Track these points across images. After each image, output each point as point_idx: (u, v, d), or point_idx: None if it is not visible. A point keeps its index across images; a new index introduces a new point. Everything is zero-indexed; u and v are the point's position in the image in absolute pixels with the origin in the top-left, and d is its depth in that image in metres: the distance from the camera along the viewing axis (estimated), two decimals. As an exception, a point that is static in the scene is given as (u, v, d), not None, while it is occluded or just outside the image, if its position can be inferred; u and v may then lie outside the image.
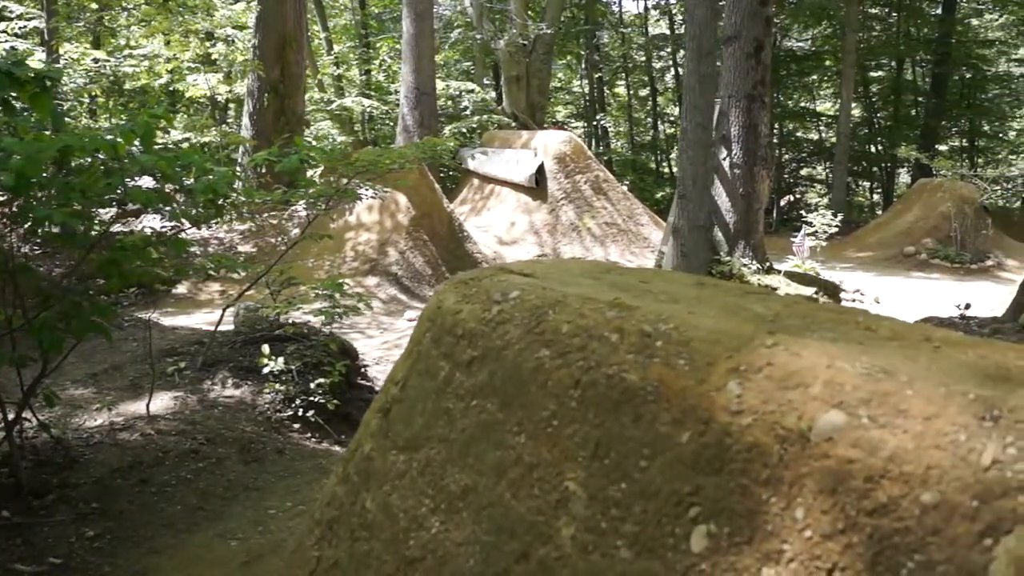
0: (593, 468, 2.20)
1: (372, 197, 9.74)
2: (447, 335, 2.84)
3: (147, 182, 5.04)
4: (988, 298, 11.64)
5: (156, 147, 5.01)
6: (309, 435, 7.40)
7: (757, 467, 1.86)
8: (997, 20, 26.04)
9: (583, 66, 30.52)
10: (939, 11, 25.87)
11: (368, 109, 24.63)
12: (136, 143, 4.46)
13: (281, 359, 7.60)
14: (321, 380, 7.57)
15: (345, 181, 8.44)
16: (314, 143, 21.15)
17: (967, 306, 9.02)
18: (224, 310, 8.43)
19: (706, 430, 1.99)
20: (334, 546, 2.92)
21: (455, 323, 2.83)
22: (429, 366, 2.87)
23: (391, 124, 24.66)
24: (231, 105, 23.90)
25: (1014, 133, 27.81)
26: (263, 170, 11.96)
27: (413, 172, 13.76)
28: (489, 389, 2.59)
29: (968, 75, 26.41)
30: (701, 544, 1.91)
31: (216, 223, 7.05)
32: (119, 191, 4.58)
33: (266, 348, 7.59)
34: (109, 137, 4.39)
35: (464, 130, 21.45)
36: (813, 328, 2.20)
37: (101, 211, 5.66)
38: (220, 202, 5.33)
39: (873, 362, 1.89)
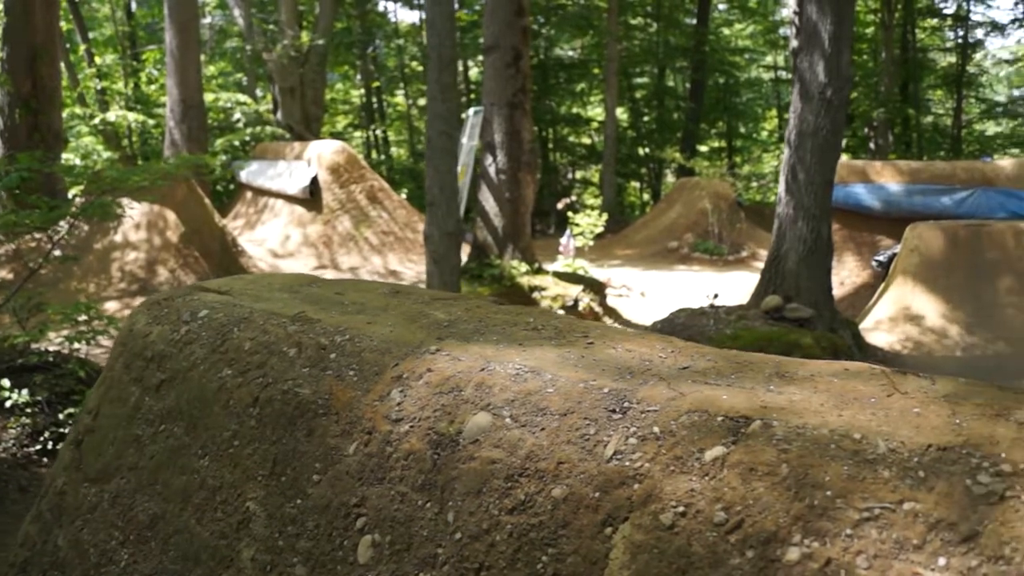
0: (271, 486, 2.16)
1: (121, 215, 9.27)
2: (138, 359, 2.73)
3: None
4: (743, 287, 12.35)
5: None
6: (59, 470, 6.91)
7: (414, 474, 1.88)
8: (746, 30, 27.91)
9: (359, 76, 30.32)
10: (694, 21, 27.48)
11: (133, 123, 23.48)
12: None
13: (26, 390, 7.09)
14: (72, 410, 7.12)
15: (83, 200, 8.00)
16: (77, 161, 19.98)
17: (715, 296, 9.55)
18: (-40, 342, 7.79)
19: (370, 440, 1.99)
20: (26, 590, 2.74)
21: (145, 346, 2.72)
22: (121, 392, 2.75)
23: (162, 138, 23.63)
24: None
25: (766, 133, 29.86)
26: (17, 191, 11.17)
27: (181, 187, 13.24)
28: (177, 412, 2.50)
29: (723, 81, 28.17)
30: (367, 554, 1.91)
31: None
32: None
33: (6, 382, 7.06)
34: None
35: (237, 143, 20.84)
36: (484, 331, 2.24)
37: None
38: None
39: (525, 362, 1.94)
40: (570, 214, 14.90)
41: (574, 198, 24.11)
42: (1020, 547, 1.34)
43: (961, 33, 27.28)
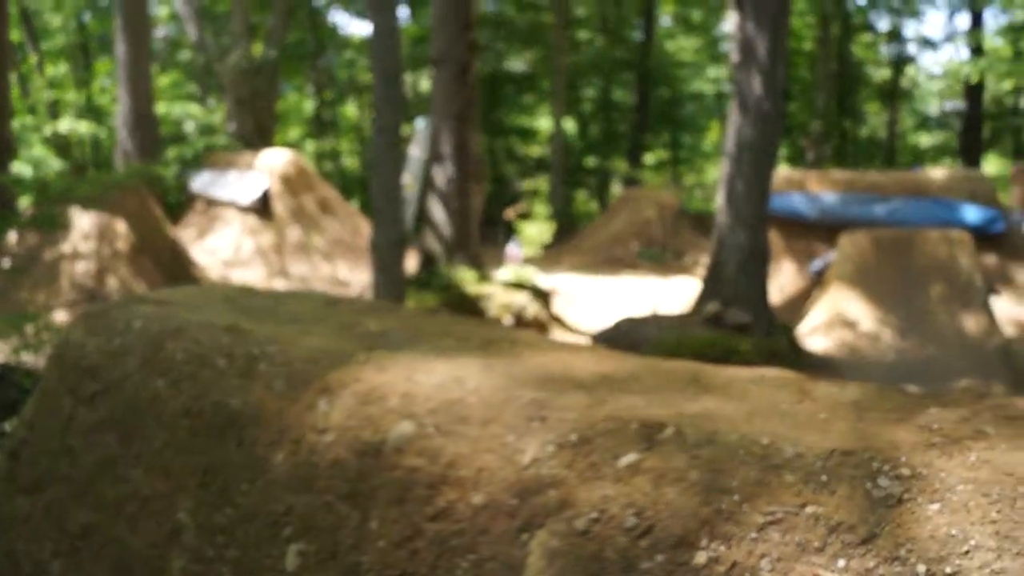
0: (202, 496, 2.18)
1: (68, 226, 9.16)
2: (72, 370, 2.72)
3: None
4: (686, 293, 12.46)
5: None
6: None
7: (339, 483, 1.91)
8: (690, 44, 28.30)
9: (311, 87, 30.24)
10: (640, 36, 27.79)
11: (85, 133, 23.13)
12: None
13: (-33, 402, 6.97)
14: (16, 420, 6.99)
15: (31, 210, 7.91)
16: (28, 171, 19.60)
17: (657, 304, 9.68)
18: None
19: (297, 449, 2.01)
20: (-44, 604, 2.72)
21: (80, 357, 2.71)
22: (56, 404, 2.74)
23: (114, 149, 23.28)
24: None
25: (709, 144, 30.19)
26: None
27: (132, 197, 13.10)
28: (110, 423, 2.50)
29: (667, 93, 28.47)
30: (294, 563, 1.93)
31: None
32: None
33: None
34: None
35: (188, 154, 20.64)
36: (415, 341, 2.28)
37: None
38: None
39: (450, 371, 1.98)
40: (517, 222, 15.00)
41: (523, 206, 24.21)
42: (915, 548, 1.40)
43: (895, 48, 28.00)
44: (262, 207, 17.00)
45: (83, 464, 2.54)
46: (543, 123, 29.55)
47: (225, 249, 16.99)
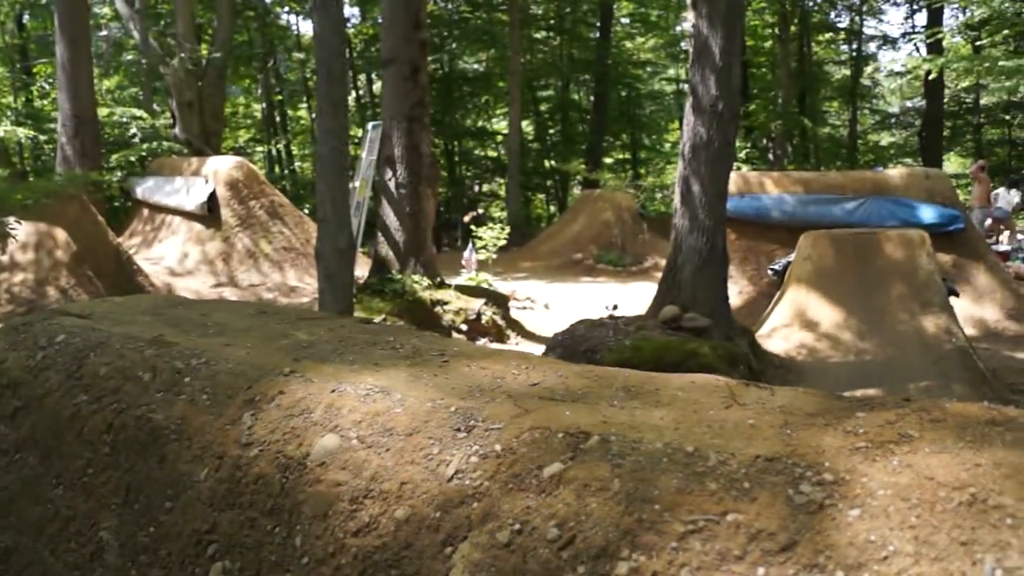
0: (124, 515, 2.12)
1: (10, 235, 8.97)
2: (-7, 386, 2.65)
3: None
4: (646, 297, 12.44)
5: None
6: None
7: (263, 498, 1.86)
8: (648, 43, 28.38)
9: (260, 90, 29.88)
10: (597, 35, 27.76)
11: (24, 139, 22.69)
12: None
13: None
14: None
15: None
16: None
17: (615, 307, 9.65)
18: None
19: (221, 465, 1.96)
20: None
21: (0, 372, 2.64)
22: (-24, 422, 2.66)
23: (54, 155, 22.88)
24: None
25: (669, 145, 30.27)
26: None
27: (72, 205, 12.86)
28: (31, 441, 2.43)
29: (626, 93, 28.49)
30: (217, 582, 1.88)
31: None
32: None
33: None
34: None
35: (133, 158, 20.33)
36: (343, 351, 2.23)
37: None
38: None
39: (377, 382, 1.94)
40: (473, 227, 14.94)
41: (481, 211, 24.12)
42: (834, 555, 1.38)
43: (855, 46, 28.22)
44: (209, 214, 16.77)
45: (4, 484, 2.47)
46: (500, 124, 29.45)
47: (171, 257, 16.73)
